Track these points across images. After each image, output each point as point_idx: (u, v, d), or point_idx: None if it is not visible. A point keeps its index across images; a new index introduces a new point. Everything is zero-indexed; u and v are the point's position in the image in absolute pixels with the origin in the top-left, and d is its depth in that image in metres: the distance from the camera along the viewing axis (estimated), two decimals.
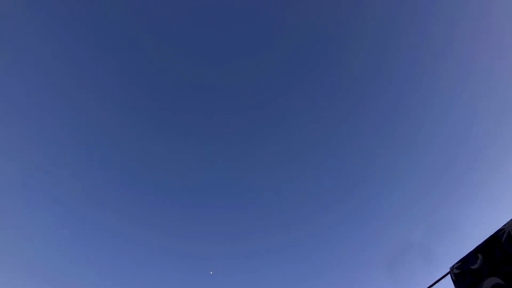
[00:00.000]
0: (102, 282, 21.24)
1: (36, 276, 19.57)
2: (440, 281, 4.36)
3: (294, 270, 22.35)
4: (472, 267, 3.91)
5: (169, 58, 20.78)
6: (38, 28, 18.39)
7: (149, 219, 22.36)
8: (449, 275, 4.27)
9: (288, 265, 22.41)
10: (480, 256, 3.87)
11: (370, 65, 20.44)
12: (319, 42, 20.39)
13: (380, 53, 20.20)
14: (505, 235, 3.66)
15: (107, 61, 20.06)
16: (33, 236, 19.93)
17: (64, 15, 18.55)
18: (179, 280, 21.92)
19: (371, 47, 20.17)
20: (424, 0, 18.76)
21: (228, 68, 21.32)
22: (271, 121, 22.24)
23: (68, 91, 19.93)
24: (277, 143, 22.47)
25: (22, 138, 19.31)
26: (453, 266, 4.22)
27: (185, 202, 22.69)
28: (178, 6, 19.55)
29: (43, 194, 20.41)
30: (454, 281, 4.11)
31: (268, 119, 22.20)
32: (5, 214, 19.15)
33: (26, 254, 19.61)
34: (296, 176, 22.93)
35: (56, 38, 18.92)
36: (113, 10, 19.10)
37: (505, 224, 3.75)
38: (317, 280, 22.03)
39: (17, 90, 18.80)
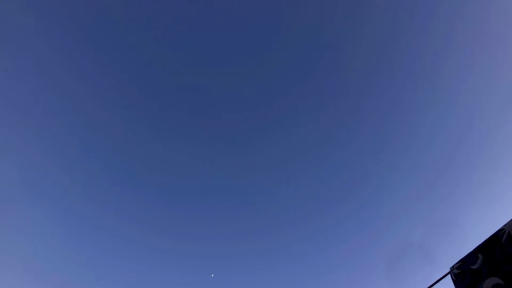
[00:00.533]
0: (103, 283, 21.25)
1: (35, 276, 19.58)
2: (440, 281, 4.36)
3: (294, 270, 22.36)
4: (472, 267, 3.91)
5: (169, 58, 20.80)
6: (39, 29, 18.40)
7: (150, 220, 22.38)
8: (449, 275, 4.28)
9: (288, 266, 22.42)
10: (480, 256, 3.87)
11: (369, 66, 20.45)
12: (319, 42, 20.41)
13: (380, 53, 20.21)
14: (505, 235, 3.67)
15: (107, 62, 20.08)
16: (33, 236, 19.94)
17: (65, 16, 18.56)
18: (180, 281, 21.93)
19: (371, 48, 20.18)
20: (425, 1, 18.77)
21: (228, 69, 21.33)
22: (271, 122, 22.26)
23: (69, 92, 19.94)
24: (278, 144, 22.49)
25: (22, 139, 19.33)
26: (453, 266, 4.22)
27: (186, 203, 22.70)
28: (178, 7, 19.57)
29: (43, 194, 20.42)
30: (454, 281, 4.12)
31: (269, 120, 22.22)
32: (4, 214, 19.16)
33: (25, 255, 19.62)
34: (297, 176, 22.94)
35: (57, 39, 18.93)
36: (113, 12, 19.11)
37: (505, 224, 3.75)
38: (317, 281, 22.04)
39: (18, 90, 18.81)
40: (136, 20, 19.63)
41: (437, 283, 4.34)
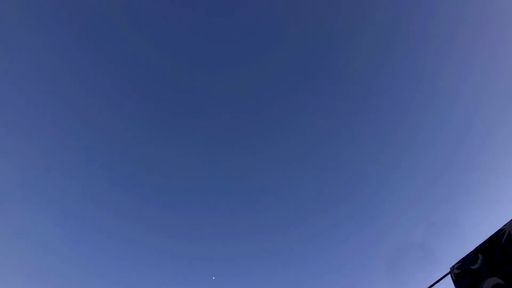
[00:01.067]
0: (103, 284, 21.25)
1: (35, 277, 19.59)
2: (440, 281, 4.36)
3: (294, 270, 22.36)
4: (472, 267, 3.91)
5: (170, 59, 20.80)
6: (39, 29, 18.40)
7: (151, 220, 22.37)
8: (449, 275, 4.28)
9: (288, 266, 22.42)
10: (480, 256, 3.87)
11: (369, 66, 20.46)
12: (318, 43, 20.42)
13: (380, 53, 20.22)
14: (505, 235, 3.67)
15: (107, 63, 20.08)
16: (33, 237, 19.95)
17: (66, 18, 18.57)
18: (181, 281, 21.94)
19: (371, 48, 20.19)
20: (425, 1, 18.78)
21: (229, 71, 21.33)
22: (272, 123, 22.26)
23: (69, 92, 19.95)
24: (278, 145, 22.49)
25: (22, 139, 19.33)
26: (453, 266, 4.22)
27: (186, 204, 22.70)
28: (179, 8, 19.57)
29: (43, 195, 20.43)
30: (454, 281, 4.12)
31: (269, 121, 22.22)
32: (4, 215, 19.17)
33: (25, 255, 19.63)
34: (297, 177, 22.95)
35: (58, 40, 18.94)
36: (114, 12, 19.11)
37: (505, 224, 3.75)
38: (317, 281, 22.04)
39: (18, 91, 18.82)
40: (136, 21, 19.64)
41: (437, 283, 4.35)
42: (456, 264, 4.18)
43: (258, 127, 22.32)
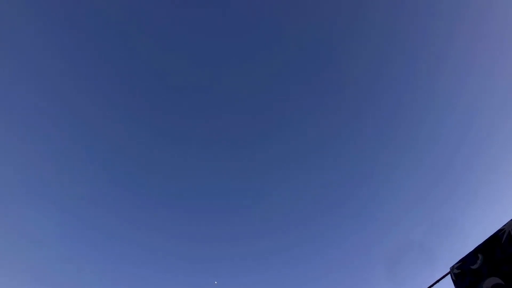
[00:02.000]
0: (102, 285, 21.25)
1: (35, 277, 19.58)
2: (440, 281, 4.36)
3: (296, 271, 22.36)
4: (472, 267, 3.91)
5: (170, 61, 20.80)
6: (41, 30, 18.40)
7: (152, 222, 22.38)
8: (449, 275, 4.28)
9: (289, 267, 22.43)
10: (480, 256, 3.87)
11: (370, 66, 20.45)
12: (318, 44, 20.41)
13: (380, 54, 20.21)
14: (505, 235, 3.66)
15: (107, 64, 20.08)
16: (33, 237, 19.94)
17: (66, 18, 18.56)
18: (182, 282, 21.93)
19: (371, 49, 20.18)
20: (425, 2, 18.78)
21: (230, 72, 21.34)
22: (273, 124, 22.27)
23: (69, 93, 19.95)
24: (279, 146, 22.50)
25: (23, 140, 19.33)
26: (453, 266, 4.22)
27: (187, 206, 22.70)
28: (179, 8, 19.57)
29: (43, 196, 20.42)
30: (454, 281, 4.11)
31: (271, 122, 22.23)
32: (4, 215, 19.17)
33: (25, 255, 19.62)
34: (298, 178, 22.95)
35: (58, 40, 18.93)
36: (114, 13, 19.11)
37: (505, 224, 3.75)
38: (318, 281, 22.04)
39: (19, 91, 18.81)
40: (136, 21, 19.64)
41: (437, 283, 4.35)
42: (456, 264, 4.18)
43: (259, 127, 22.34)
